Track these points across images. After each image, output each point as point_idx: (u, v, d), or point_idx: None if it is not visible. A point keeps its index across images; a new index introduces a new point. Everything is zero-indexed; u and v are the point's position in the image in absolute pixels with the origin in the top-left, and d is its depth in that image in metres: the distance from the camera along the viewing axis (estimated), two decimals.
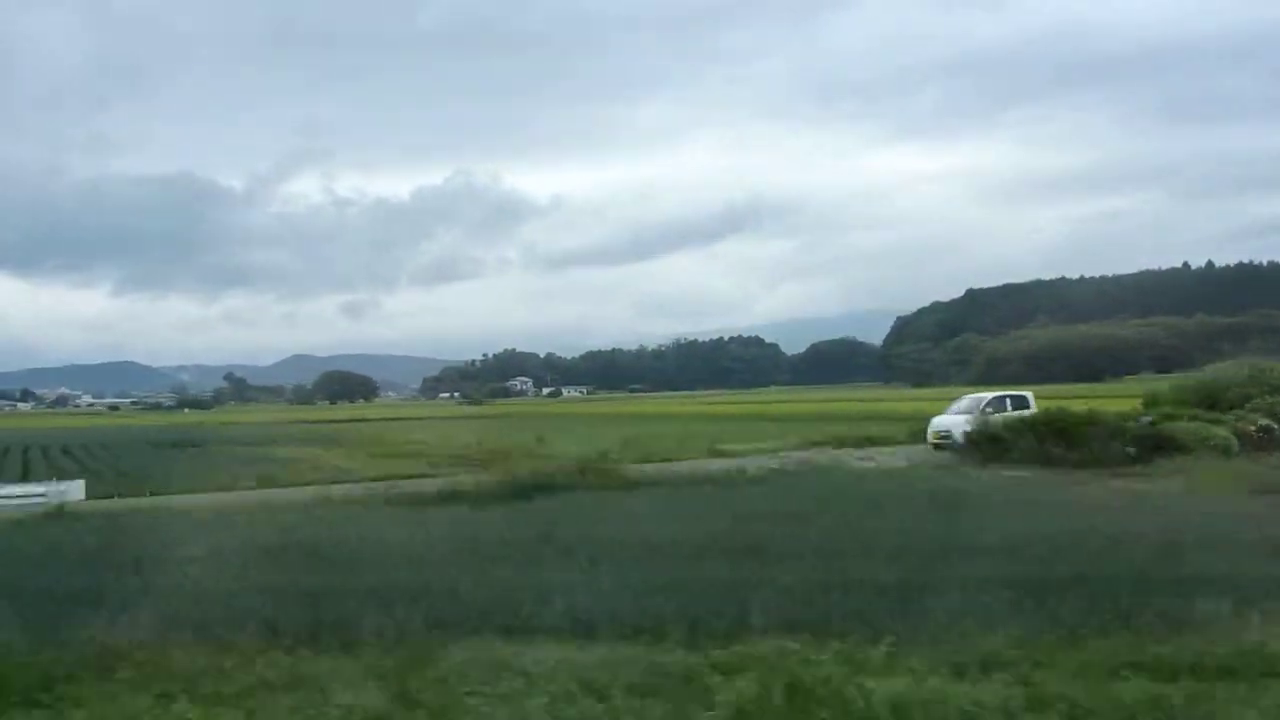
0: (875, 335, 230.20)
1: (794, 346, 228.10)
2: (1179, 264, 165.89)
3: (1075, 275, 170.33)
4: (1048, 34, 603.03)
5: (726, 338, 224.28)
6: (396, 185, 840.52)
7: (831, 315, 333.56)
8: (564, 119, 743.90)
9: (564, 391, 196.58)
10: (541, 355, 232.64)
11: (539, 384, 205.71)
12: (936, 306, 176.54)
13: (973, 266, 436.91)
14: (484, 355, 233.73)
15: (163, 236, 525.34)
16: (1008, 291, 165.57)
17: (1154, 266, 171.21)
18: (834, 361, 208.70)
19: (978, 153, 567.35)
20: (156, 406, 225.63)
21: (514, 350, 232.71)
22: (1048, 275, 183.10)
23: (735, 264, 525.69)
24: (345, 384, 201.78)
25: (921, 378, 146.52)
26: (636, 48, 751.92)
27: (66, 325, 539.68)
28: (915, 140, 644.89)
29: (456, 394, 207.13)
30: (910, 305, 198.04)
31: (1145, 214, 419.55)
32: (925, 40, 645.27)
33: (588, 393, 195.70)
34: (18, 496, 19.67)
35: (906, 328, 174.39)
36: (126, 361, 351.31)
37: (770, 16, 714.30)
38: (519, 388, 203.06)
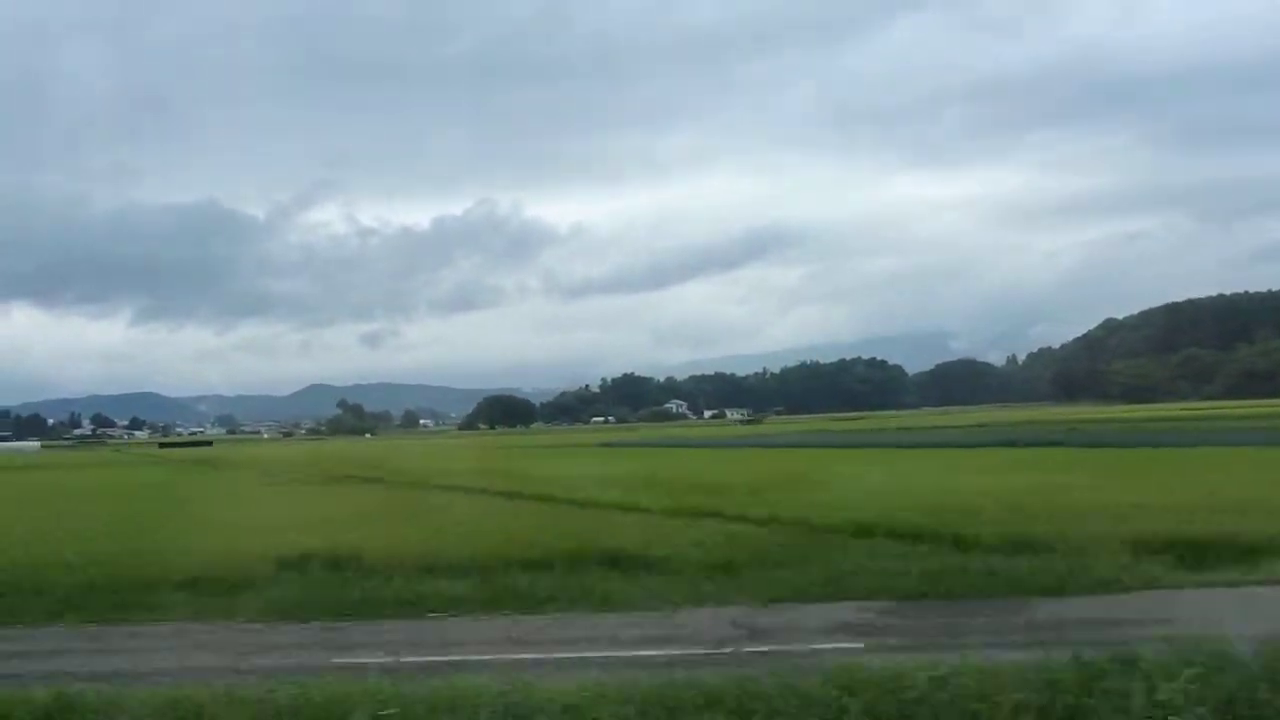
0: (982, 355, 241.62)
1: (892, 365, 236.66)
2: None
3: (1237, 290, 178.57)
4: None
5: (849, 358, 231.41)
6: (418, 215, 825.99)
7: (927, 330, 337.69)
8: (586, 148, 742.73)
9: (727, 414, 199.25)
10: (660, 379, 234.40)
11: (694, 409, 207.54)
12: (1111, 323, 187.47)
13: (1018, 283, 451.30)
14: (603, 380, 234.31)
15: (183, 266, 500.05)
16: (1205, 305, 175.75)
17: None
18: (959, 382, 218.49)
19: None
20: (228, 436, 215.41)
21: (633, 374, 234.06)
22: (1227, 290, 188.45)
23: (767, 288, 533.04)
24: (507, 410, 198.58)
25: (1140, 394, 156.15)
26: (659, 78, 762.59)
27: (86, 356, 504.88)
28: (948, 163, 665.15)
29: (610, 418, 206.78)
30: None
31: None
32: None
33: (748, 415, 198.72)
34: None
35: (1096, 345, 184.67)
36: (146, 392, 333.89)
37: (791, 46, 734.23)
38: (675, 410, 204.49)
